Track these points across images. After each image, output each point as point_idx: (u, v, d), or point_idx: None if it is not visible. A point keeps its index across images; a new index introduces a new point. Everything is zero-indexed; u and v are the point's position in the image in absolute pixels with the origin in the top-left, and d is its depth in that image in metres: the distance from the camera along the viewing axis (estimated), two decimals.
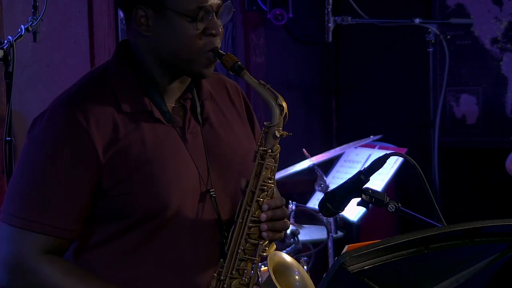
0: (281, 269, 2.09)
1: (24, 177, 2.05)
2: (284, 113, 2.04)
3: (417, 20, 4.30)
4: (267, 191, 2.07)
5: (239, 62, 2.05)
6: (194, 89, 2.16)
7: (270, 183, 2.07)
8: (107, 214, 2.05)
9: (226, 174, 2.13)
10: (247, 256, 2.06)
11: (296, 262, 2.15)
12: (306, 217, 4.19)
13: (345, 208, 2.27)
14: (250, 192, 2.06)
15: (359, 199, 2.23)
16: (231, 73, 2.08)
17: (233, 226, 2.07)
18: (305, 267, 3.53)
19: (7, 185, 2.97)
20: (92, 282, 2.03)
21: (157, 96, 2.08)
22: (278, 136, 2.05)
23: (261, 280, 2.10)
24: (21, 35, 3.03)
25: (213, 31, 2.04)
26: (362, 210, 3.80)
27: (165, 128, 2.08)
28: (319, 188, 3.56)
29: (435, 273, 1.79)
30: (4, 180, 3.53)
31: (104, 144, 2.00)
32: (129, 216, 2.04)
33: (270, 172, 2.07)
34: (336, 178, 4.05)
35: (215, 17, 2.05)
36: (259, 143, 2.06)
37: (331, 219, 3.68)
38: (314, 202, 4.01)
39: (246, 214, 2.05)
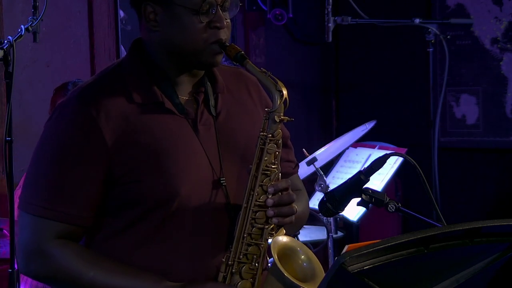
0: (287, 252, 2.10)
1: (38, 165, 2.13)
2: (284, 98, 2.08)
3: (417, 20, 4.30)
4: (271, 176, 2.10)
5: (242, 52, 2.11)
6: (209, 83, 2.21)
7: (274, 168, 2.10)
8: (119, 204, 2.10)
9: (238, 164, 2.17)
10: (254, 241, 2.09)
11: (301, 243, 2.16)
12: None
13: (345, 208, 2.27)
14: (252, 177, 2.09)
15: (359, 199, 2.23)
16: (234, 62, 2.13)
17: (240, 212, 2.10)
18: None
19: (7, 185, 2.97)
20: (102, 263, 2.09)
21: (169, 88, 2.14)
22: (278, 121, 2.08)
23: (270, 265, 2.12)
24: (21, 35, 3.02)
25: (218, 24, 2.09)
26: (362, 210, 3.80)
27: (177, 119, 2.13)
28: (319, 188, 3.55)
29: (435, 273, 1.79)
30: (4, 180, 3.53)
31: (114, 133, 2.07)
32: (139, 205, 2.09)
33: (273, 158, 2.10)
34: (336, 178, 4.05)
35: (220, 10, 2.10)
36: (261, 129, 2.10)
37: (331, 219, 3.68)
38: (314, 202, 4.00)
39: (251, 199, 2.09)
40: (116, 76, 2.15)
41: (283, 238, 2.11)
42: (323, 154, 3.71)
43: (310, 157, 3.60)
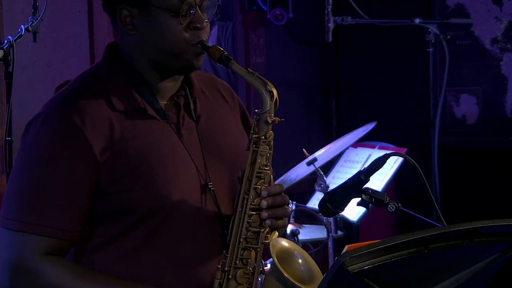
0: (284, 256, 2.08)
1: (21, 180, 2.06)
2: (275, 99, 2.05)
3: (417, 20, 4.30)
4: (264, 178, 2.07)
5: (226, 53, 2.07)
6: (186, 87, 2.18)
7: (267, 170, 2.08)
8: (107, 213, 2.05)
9: (223, 167, 2.15)
10: (249, 245, 2.06)
11: (298, 246, 2.14)
12: (306, 217, 4.19)
13: (345, 208, 2.27)
14: (247, 180, 2.06)
15: (359, 199, 2.23)
16: (218, 64, 2.09)
17: (233, 216, 2.07)
18: None
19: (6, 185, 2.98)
20: (94, 278, 2.03)
21: (149, 94, 2.10)
22: (270, 122, 2.05)
23: (265, 269, 2.10)
24: (21, 35, 3.03)
25: (198, 25, 2.06)
26: (362, 210, 3.80)
27: (160, 125, 2.09)
28: (319, 188, 3.55)
29: (435, 273, 1.79)
30: (4, 180, 3.53)
31: (100, 143, 2.02)
32: (129, 214, 2.04)
33: (266, 159, 2.07)
34: (336, 178, 4.04)
35: (199, 11, 2.07)
36: (252, 131, 2.07)
37: (331, 219, 3.68)
38: (314, 202, 4.01)
39: (245, 202, 2.06)
40: (95, 83, 2.10)
41: (281, 241, 2.09)
42: (323, 154, 3.72)
43: (310, 157, 3.60)
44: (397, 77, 5.32)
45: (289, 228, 3.74)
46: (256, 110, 2.08)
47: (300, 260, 2.10)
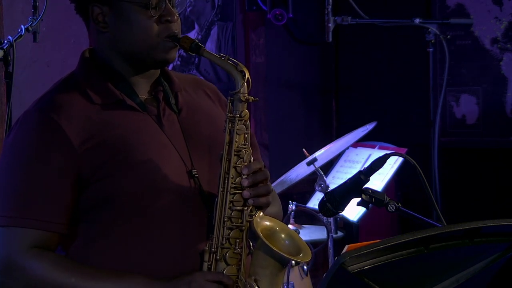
0: (269, 233, 2.09)
1: (4, 179, 2.09)
2: (246, 78, 2.08)
3: (417, 20, 4.30)
4: (243, 157, 2.08)
5: (196, 41, 2.10)
6: (165, 83, 2.20)
7: (245, 148, 2.09)
8: (94, 206, 2.07)
9: (207, 155, 2.16)
10: (235, 224, 2.07)
11: (281, 222, 2.15)
12: (306, 217, 4.19)
13: (345, 208, 2.27)
14: (226, 160, 2.08)
15: (359, 199, 2.23)
16: (190, 53, 2.13)
17: (216, 198, 2.08)
18: (305, 267, 3.53)
19: None
20: (81, 270, 2.04)
21: (128, 88, 2.14)
22: (244, 100, 2.08)
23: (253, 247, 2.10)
24: (21, 35, 3.03)
25: (168, 18, 2.09)
26: (362, 210, 3.80)
27: (140, 116, 2.12)
28: (319, 188, 3.56)
29: (435, 273, 1.79)
30: None
31: (78, 134, 2.05)
32: (114, 203, 2.05)
33: (243, 139, 2.10)
34: (336, 178, 4.04)
35: (169, 4, 2.10)
36: (227, 111, 2.10)
37: (331, 219, 3.68)
38: (314, 202, 4.01)
39: (226, 182, 2.07)
40: (72, 84, 2.14)
41: (263, 220, 2.10)
42: (323, 154, 3.72)
43: (310, 157, 3.60)
44: (397, 77, 5.32)
45: (289, 228, 3.74)
46: (230, 92, 2.10)
47: (283, 235, 2.11)
